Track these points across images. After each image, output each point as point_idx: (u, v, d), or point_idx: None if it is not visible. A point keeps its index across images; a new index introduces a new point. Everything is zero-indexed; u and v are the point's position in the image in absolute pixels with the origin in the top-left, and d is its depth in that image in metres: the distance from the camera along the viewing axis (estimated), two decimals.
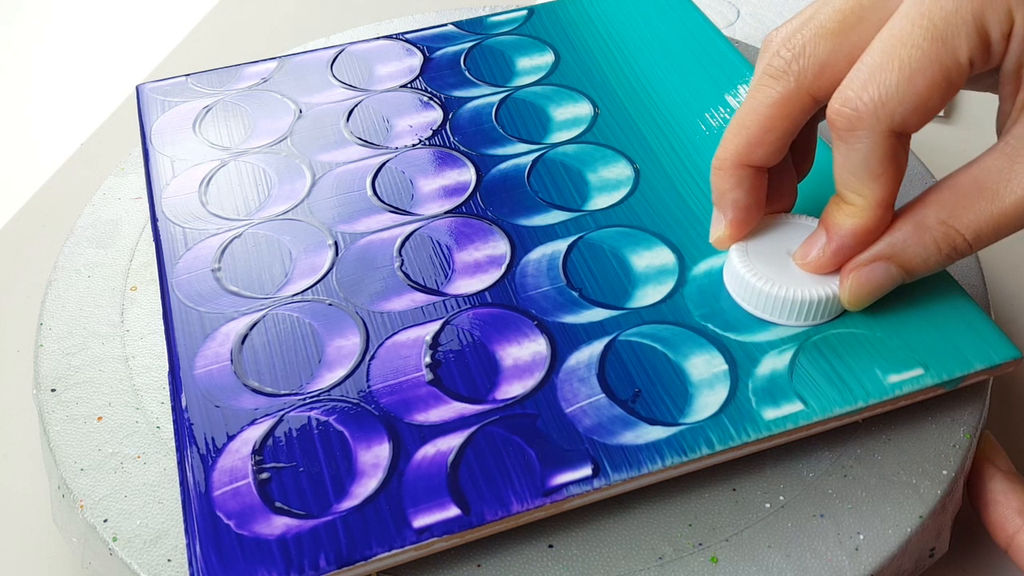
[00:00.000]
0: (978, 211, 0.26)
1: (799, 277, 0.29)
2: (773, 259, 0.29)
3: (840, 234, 0.28)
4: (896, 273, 0.28)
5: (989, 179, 0.26)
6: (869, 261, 0.28)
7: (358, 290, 0.31)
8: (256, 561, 0.24)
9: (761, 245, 0.30)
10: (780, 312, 0.29)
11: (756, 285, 0.29)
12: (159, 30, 0.60)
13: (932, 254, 0.27)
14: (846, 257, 0.28)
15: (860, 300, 0.28)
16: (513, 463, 0.26)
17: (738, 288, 0.29)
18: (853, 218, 0.27)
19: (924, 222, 0.27)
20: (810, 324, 0.29)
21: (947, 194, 0.27)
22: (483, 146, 0.36)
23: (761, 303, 0.29)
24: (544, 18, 0.43)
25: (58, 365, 0.32)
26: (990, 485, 0.29)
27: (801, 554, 0.26)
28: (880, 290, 0.28)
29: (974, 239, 0.26)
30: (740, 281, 0.29)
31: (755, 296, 0.29)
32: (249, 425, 0.27)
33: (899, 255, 0.27)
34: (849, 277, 0.28)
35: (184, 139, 0.37)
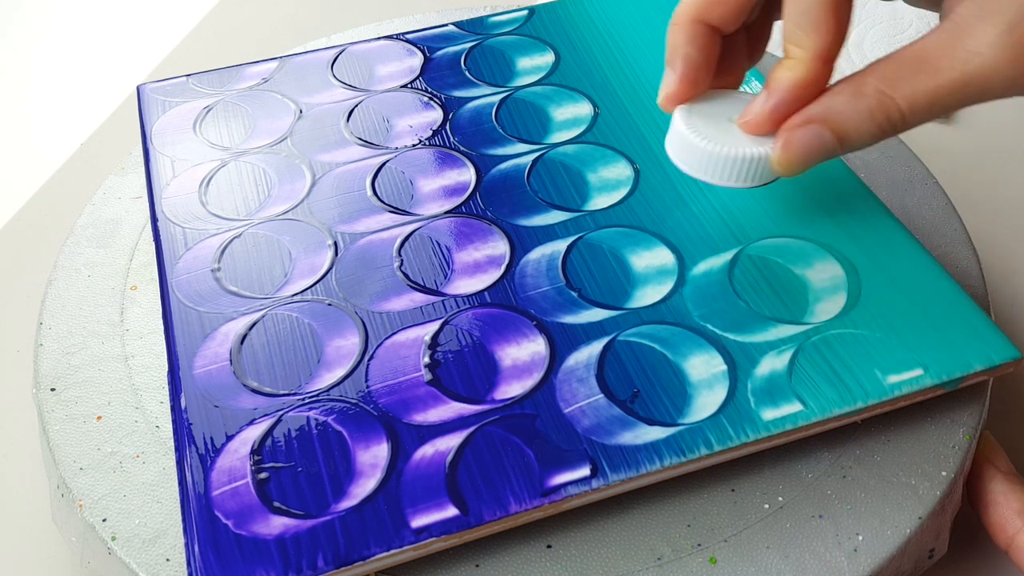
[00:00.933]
0: (916, 83, 0.26)
1: (739, 138, 0.28)
2: (715, 123, 0.29)
3: (779, 87, 0.28)
4: (829, 138, 0.27)
5: (930, 54, 0.26)
6: (803, 122, 0.28)
7: (357, 290, 0.31)
8: (254, 561, 0.24)
9: (705, 109, 0.30)
10: (716, 171, 0.29)
11: (695, 142, 0.29)
12: (159, 30, 0.60)
13: (865, 120, 0.27)
14: (783, 115, 0.28)
15: (791, 163, 0.28)
16: (512, 463, 0.26)
17: (678, 148, 0.29)
18: (792, 71, 0.28)
19: (862, 89, 0.27)
20: (745, 185, 0.29)
21: (889, 65, 0.27)
22: (483, 146, 0.36)
23: (700, 161, 0.29)
24: (544, 18, 0.43)
25: (58, 364, 0.32)
26: (990, 486, 0.29)
27: (800, 555, 0.26)
28: (811, 154, 0.28)
29: (909, 110, 0.27)
30: (681, 140, 0.29)
31: (693, 154, 0.29)
32: (248, 425, 0.27)
33: (833, 118, 0.27)
34: (782, 137, 0.28)
35: (184, 139, 0.37)
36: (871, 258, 0.31)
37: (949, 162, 0.47)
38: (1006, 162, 0.48)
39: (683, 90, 0.30)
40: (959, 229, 0.36)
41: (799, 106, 0.28)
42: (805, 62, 0.27)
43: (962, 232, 0.36)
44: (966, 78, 0.26)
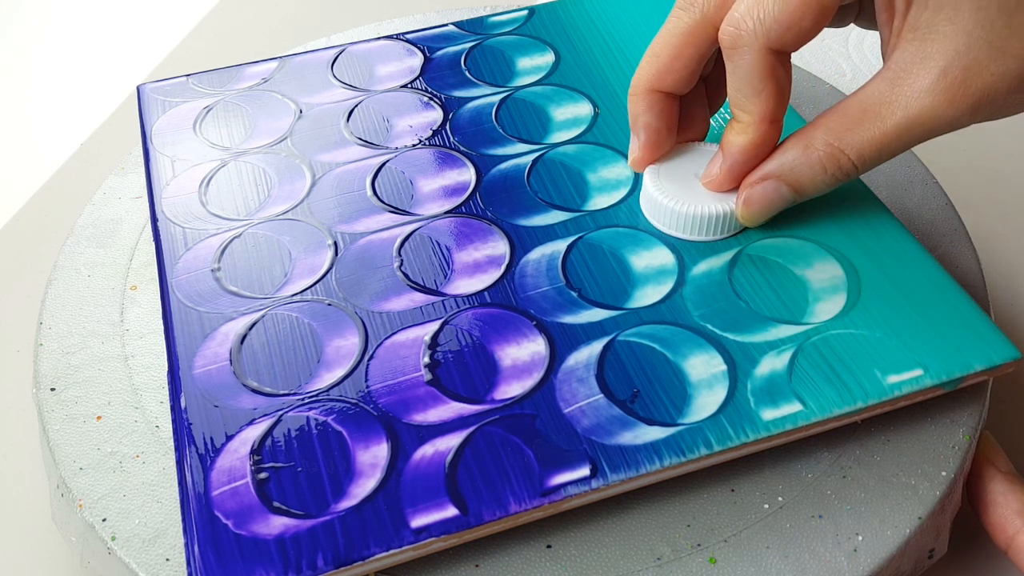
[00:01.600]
0: (862, 133, 0.28)
1: (703, 196, 0.31)
2: (682, 181, 0.32)
3: (732, 151, 0.30)
4: (786, 191, 0.30)
5: (872, 103, 0.28)
6: (760, 179, 0.30)
7: (357, 290, 0.31)
8: (254, 561, 0.24)
9: (672, 168, 0.32)
10: (685, 227, 0.31)
11: (664, 203, 0.31)
12: (159, 30, 0.60)
13: (818, 173, 0.29)
14: (740, 174, 0.30)
15: (753, 215, 0.31)
16: (511, 463, 0.26)
17: (650, 207, 0.32)
18: (742, 135, 0.30)
19: (812, 143, 0.29)
20: (713, 239, 0.32)
21: (834, 117, 0.29)
22: (483, 146, 0.36)
23: (669, 220, 0.32)
24: (544, 18, 0.43)
25: (58, 364, 0.32)
26: (990, 486, 0.29)
27: (800, 555, 0.26)
28: (771, 206, 0.30)
29: (858, 159, 0.29)
30: (651, 200, 0.32)
31: (663, 213, 0.32)
32: (248, 425, 0.27)
33: (787, 174, 0.30)
34: (743, 194, 0.30)
35: (184, 139, 0.37)
36: (871, 258, 0.31)
37: (949, 162, 0.47)
38: (1006, 162, 0.48)
39: (647, 155, 0.32)
40: (959, 229, 0.36)
41: (753, 164, 0.30)
42: (752, 125, 0.29)
43: (962, 232, 0.36)
44: (909, 123, 0.28)
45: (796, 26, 0.28)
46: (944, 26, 0.27)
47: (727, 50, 0.29)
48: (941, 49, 0.27)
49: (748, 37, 0.28)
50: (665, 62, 0.31)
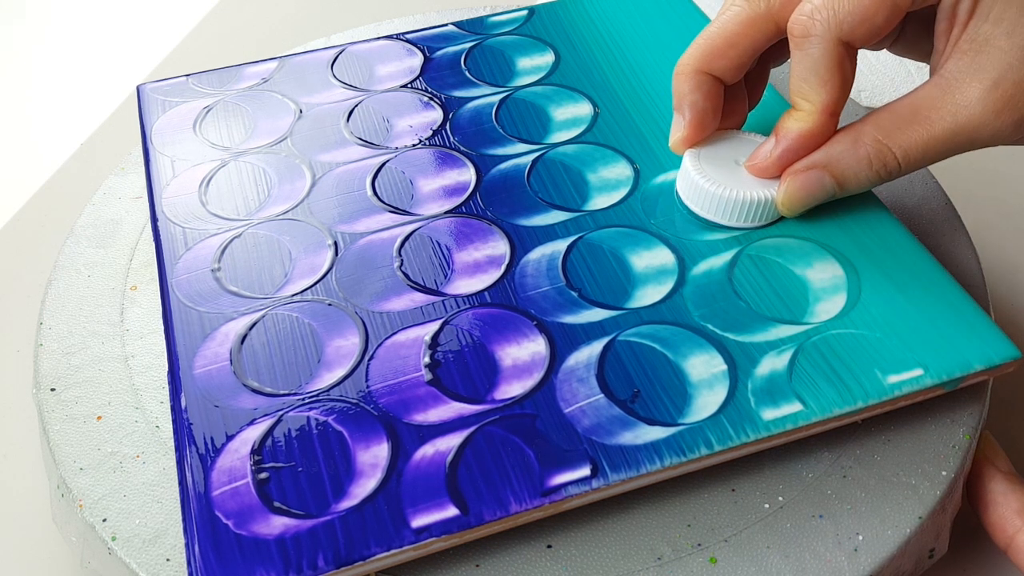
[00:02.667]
0: (910, 133, 0.29)
1: (744, 181, 0.31)
2: (722, 165, 0.32)
3: (787, 137, 0.30)
4: (829, 182, 0.30)
5: (923, 106, 0.29)
6: (806, 168, 0.30)
7: (358, 290, 0.31)
8: (254, 561, 0.24)
9: (713, 152, 0.32)
10: (724, 213, 0.31)
11: (703, 186, 0.31)
12: (159, 30, 0.60)
13: (864, 168, 0.30)
14: (789, 161, 0.31)
15: (794, 204, 0.31)
16: (512, 463, 0.26)
17: (687, 190, 0.32)
18: (800, 122, 0.30)
19: (861, 138, 0.30)
20: (750, 226, 0.32)
21: (885, 116, 0.30)
22: (483, 146, 0.36)
23: (706, 203, 0.32)
24: (544, 18, 0.43)
25: (58, 364, 0.32)
26: (990, 486, 0.29)
27: (800, 555, 0.26)
28: (812, 197, 0.31)
29: (904, 158, 0.29)
30: (690, 182, 0.32)
31: (701, 196, 0.32)
32: (248, 425, 0.27)
33: (834, 164, 0.30)
34: (786, 181, 0.31)
35: (184, 139, 0.37)
36: (871, 258, 0.31)
37: (949, 162, 0.47)
38: (1006, 162, 0.48)
39: (691, 135, 0.32)
40: (959, 229, 0.36)
41: (805, 153, 0.30)
42: (812, 115, 0.30)
43: (962, 232, 0.36)
44: (956, 128, 0.28)
45: (869, 21, 0.28)
46: (1001, 40, 0.28)
47: (797, 39, 0.29)
48: (995, 62, 0.28)
49: (821, 26, 0.28)
50: (719, 47, 0.31)
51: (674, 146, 0.33)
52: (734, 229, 0.32)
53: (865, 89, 0.50)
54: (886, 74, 0.51)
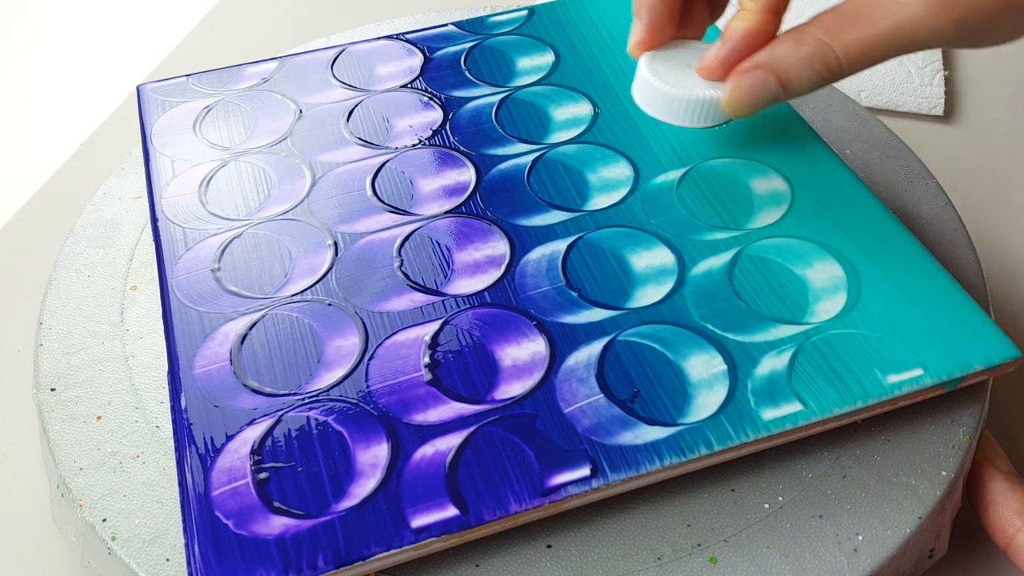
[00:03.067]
0: (852, 32, 0.29)
1: (695, 83, 0.32)
2: (676, 68, 0.33)
3: (731, 37, 0.31)
4: (773, 83, 0.31)
5: (865, 6, 0.29)
6: (750, 68, 0.31)
7: (357, 290, 0.31)
8: (254, 561, 0.24)
9: (668, 57, 0.33)
10: (673, 112, 0.32)
11: (656, 86, 0.32)
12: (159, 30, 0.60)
13: (805, 67, 0.30)
14: (734, 61, 0.31)
15: (739, 104, 0.31)
16: (512, 463, 0.26)
17: (640, 91, 0.33)
18: (744, 21, 0.31)
19: (803, 37, 0.30)
20: (699, 126, 0.32)
21: (828, 16, 0.30)
22: (483, 146, 0.36)
23: (658, 103, 0.33)
24: (544, 18, 0.43)
25: (58, 364, 0.32)
26: (989, 486, 0.29)
27: (800, 555, 0.26)
28: (756, 97, 0.31)
29: (845, 56, 0.30)
30: (643, 83, 0.33)
31: (654, 96, 0.33)
32: (248, 425, 0.27)
33: (776, 64, 0.31)
34: (731, 81, 0.31)
35: (184, 139, 0.37)
36: (871, 258, 0.31)
37: (949, 162, 0.47)
38: (1006, 162, 0.48)
39: (648, 38, 0.33)
40: (959, 229, 0.36)
41: (749, 53, 0.31)
42: (755, 12, 0.31)
43: (962, 232, 0.36)
44: (896, 27, 0.29)
45: None
46: None
47: None
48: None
49: None
50: None
51: (631, 49, 0.34)
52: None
53: (865, 89, 0.50)
54: (886, 74, 0.51)
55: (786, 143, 0.35)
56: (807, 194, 0.33)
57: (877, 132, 0.40)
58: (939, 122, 0.50)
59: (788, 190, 0.33)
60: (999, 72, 0.53)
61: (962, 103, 0.51)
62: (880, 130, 0.40)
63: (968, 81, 0.53)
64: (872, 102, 0.50)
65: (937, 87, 0.50)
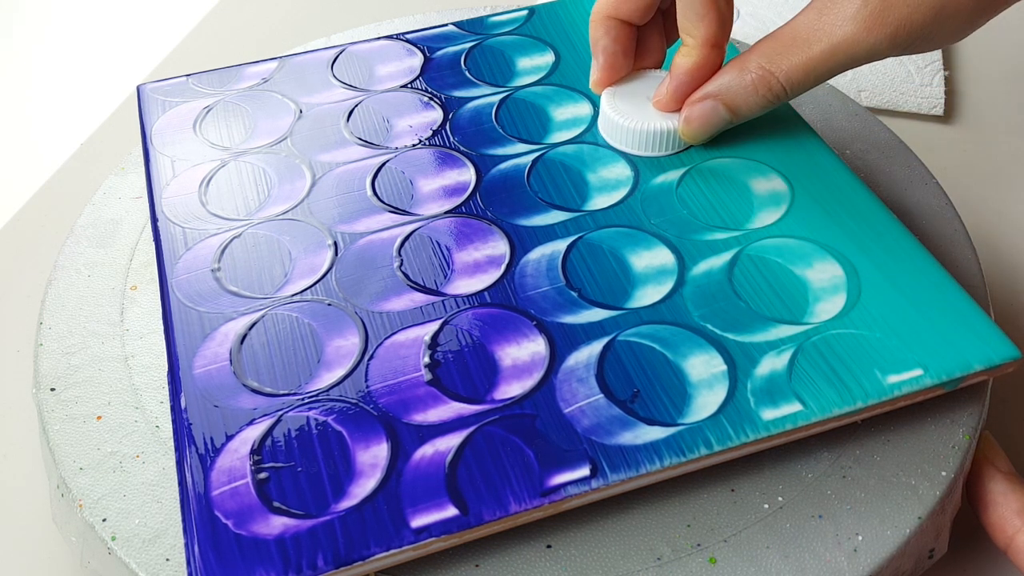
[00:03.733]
0: (791, 57, 0.31)
1: (653, 115, 0.34)
2: (636, 102, 0.35)
3: (678, 73, 0.33)
4: (723, 110, 0.33)
5: (801, 31, 0.31)
6: (700, 99, 0.33)
7: (357, 290, 0.31)
8: (254, 561, 0.24)
9: (627, 90, 0.36)
10: (635, 143, 0.35)
11: (616, 120, 0.35)
12: (159, 30, 0.60)
13: (751, 94, 0.32)
14: (684, 94, 0.34)
15: (694, 132, 0.34)
16: (511, 463, 0.26)
17: (605, 126, 0.36)
18: (687, 57, 0.33)
19: (746, 66, 0.32)
20: (661, 154, 0.35)
21: (768, 44, 0.32)
22: (483, 146, 0.36)
23: (621, 136, 0.35)
24: (544, 18, 0.43)
25: (58, 364, 0.32)
26: (989, 486, 0.29)
27: (800, 555, 0.26)
28: (710, 124, 0.33)
29: (787, 82, 0.32)
30: (606, 119, 0.35)
31: (616, 130, 0.35)
32: (248, 425, 0.27)
33: (724, 93, 0.33)
34: (684, 112, 0.34)
35: (184, 139, 0.37)
36: (871, 258, 0.31)
37: (949, 162, 0.47)
38: (1006, 162, 0.48)
39: (604, 77, 0.36)
40: (959, 229, 0.36)
41: (697, 85, 0.33)
42: (696, 48, 0.33)
43: (962, 232, 0.36)
44: (833, 48, 0.31)
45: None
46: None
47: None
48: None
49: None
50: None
51: (592, 87, 0.36)
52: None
53: (865, 89, 0.50)
54: (886, 74, 0.51)
55: (786, 143, 0.35)
56: (807, 194, 0.33)
57: (877, 132, 0.40)
58: (939, 122, 0.50)
59: (788, 190, 0.33)
60: (999, 72, 0.53)
61: (962, 103, 0.51)
62: (880, 130, 0.40)
63: (968, 81, 0.53)
64: (872, 102, 0.50)
65: (937, 87, 0.50)
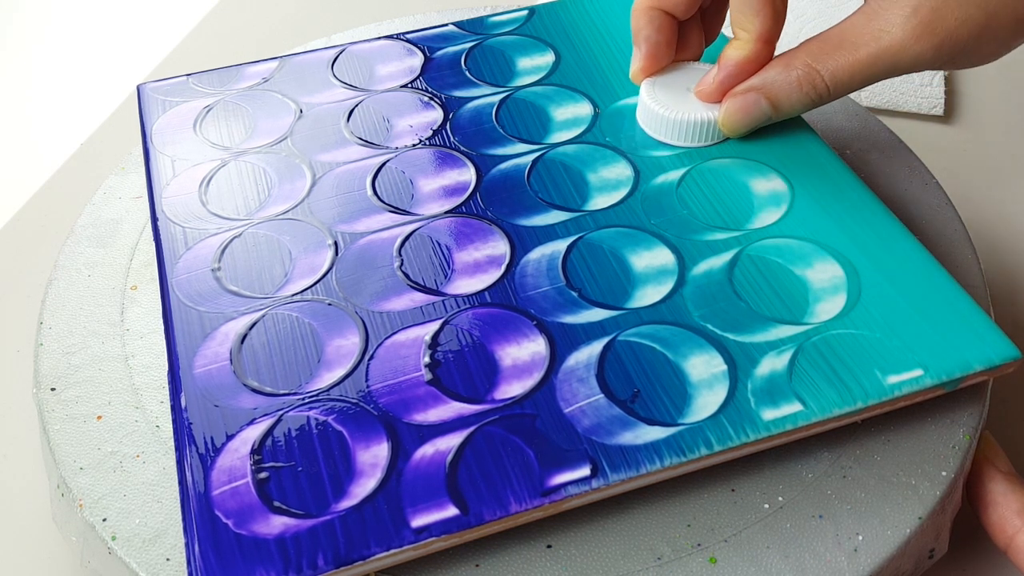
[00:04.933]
0: (837, 58, 0.32)
1: (692, 105, 0.35)
2: (675, 92, 0.36)
3: (727, 64, 0.34)
4: (765, 104, 0.33)
5: (849, 33, 0.32)
6: (744, 91, 0.34)
7: (358, 290, 0.31)
8: (254, 560, 0.24)
9: (667, 81, 0.36)
10: (673, 133, 0.35)
11: (655, 110, 0.35)
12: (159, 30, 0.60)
13: (795, 90, 0.33)
14: (729, 86, 0.34)
15: (734, 124, 0.34)
16: (512, 463, 0.26)
17: (644, 115, 0.36)
18: (738, 50, 0.33)
19: (792, 63, 0.33)
20: (698, 145, 0.35)
21: (816, 43, 0.33)
22: (483, 146, 0.36)
23: (658, 126, 0.35)
24: (544, 18, 0.43)
25: (58, 364, 0.32)
26: (989, 486, 0.29)
27: (800, 555, 0.26)
28: (750, 117, 0.34)
29: (831, 80, 0.32)
30: (645, 108, 0.36)
31: (654, 120, 0.35)
32: (248, 425, 0.27)
33: (768, 87, 0.33)
34: (726, 103, 0.34)
35: (185, 139, 0.37)
36: (871, 258, 0.31)
37: (949, 162, 0.47)
38: (1006, 162, 0.48)
39: (647, 66, 0.36)
40: (959, 229, 0.36)
41: (743, 78, 0.34)
42: (749, 43, 0.33)
43: (962, 232, 0.36)
44: (879, 52, 0.31)
45: None
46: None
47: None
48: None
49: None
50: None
51: (633, 76, 0.36)
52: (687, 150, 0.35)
53: (865, 89, 0.50)
54: None
55: (786, 143, 0.35)
56: (807, 194, 0.33)
57: (877, 132, 0.40)
58: (939, 122, 0.50)
59: (788, 190, 0.33)
60: (999, 72, 0.53)
61: (962, 103, 0.51)
62: (880, 130, 0.40)
63: (968, 81, 0.53)
64: (872, 102, 0.50)
65: (937, 87, 0.50)
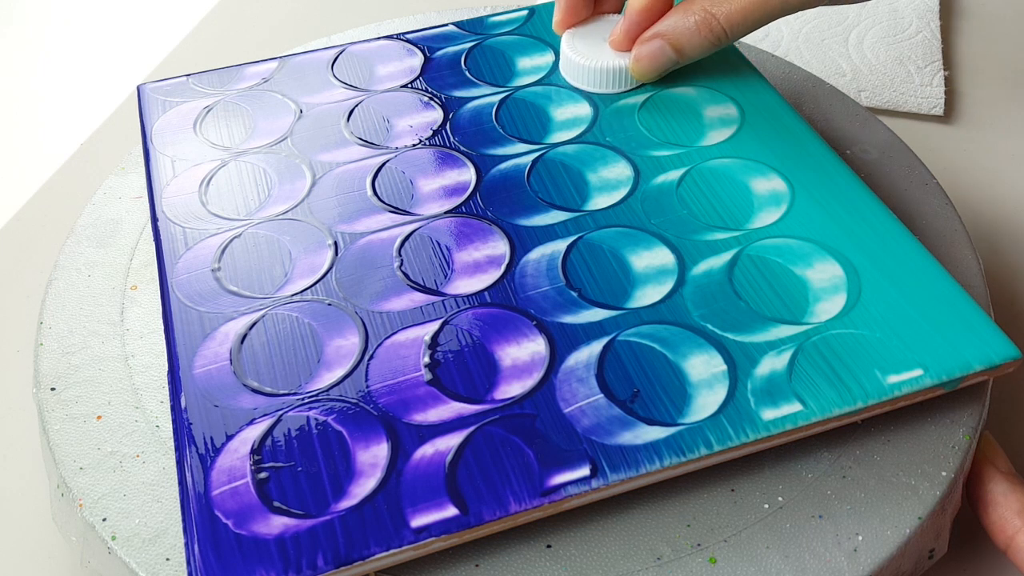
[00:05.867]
0: (731, 2, 0.34)
1: (607, 55, 0.38)
2: (592, 42, 0.38)
3: (631, 13, 0.36)
4: (669, 50, 0.36)
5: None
6: (648, 38, 0.36)
7: (357, 290, 0.31)
8: (254, 560, 0.24)
9: (586, 32, 0.39)
10: (590, 81, 0.38)
11: (573, 59, 0.38)
12: (159, 30, 0.60)
13: (694, 35, 0.35)
14: (635, 34, 0.37)
15: (643, 70, 0.37)
16: (511, 463, 0.26)
17: (564, 65, 0.39)
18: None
19: (691, 7, 0.35)
20: (615, 91, 0.38)
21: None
22: (483, 146, 0.36)
23: (577, 74, 0.38)
24: (544, 18, 0.43)
25: (58, 364, 0.32)
26: (989, 486, 0.29)
27: (800, 555, 0.26)
28: (657, 63, 0.36)
29: (727, 23, 0.35)
30: (564, 59, 0.38)
31: (573, 69, 0.38)
32: (248, 425, 0.27)
33: (669, 33, 0.36)
34: (634, 51, 0.37)
35: (184, 139, 0.37)
36: (871, 258, 0.31)
37: (949, 162, 0.47)
38: (1006, 162, 0.48)
39: (565, 18, 0.39)
40: (959, 229, 0.36)
41: (648, 25, 0.36)
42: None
43: (962, 232, 0.36)
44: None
45: None
46: None
47: None
48: None
49: None
50: None
51: (554, 27, 0.39)
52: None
53: (865, 89, 0.50)
54: (886, 74, 0.51)
55: (786, 143, 0.35)
56: (807, 194, 0.33)
57: (877, 132, 0.40)
58: (939, 122, 0.50)
59: (788, 190, 0.33)
60: (999, 72, 0.53)
61: (962, 103, 0.51)
62: (880, 130, 0.40)
63: (968, 81, 0.53)
64: (872, 102, 0.50)
65: (937, 87, 0.50)
